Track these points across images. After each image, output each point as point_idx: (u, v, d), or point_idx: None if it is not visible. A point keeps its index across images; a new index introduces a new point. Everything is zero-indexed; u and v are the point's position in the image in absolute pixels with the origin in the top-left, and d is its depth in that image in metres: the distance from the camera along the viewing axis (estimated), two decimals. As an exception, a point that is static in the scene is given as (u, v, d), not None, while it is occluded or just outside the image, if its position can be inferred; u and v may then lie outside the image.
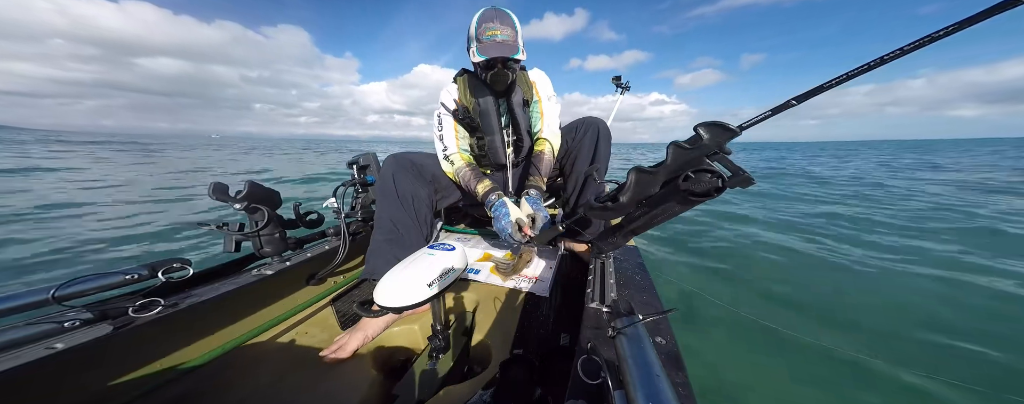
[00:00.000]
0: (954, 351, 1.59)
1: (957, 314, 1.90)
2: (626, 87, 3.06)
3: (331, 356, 0.91)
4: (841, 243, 3.12)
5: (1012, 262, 2.58)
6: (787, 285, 2.25)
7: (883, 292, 2.20)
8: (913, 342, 1.67)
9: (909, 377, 1.41)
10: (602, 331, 0.62)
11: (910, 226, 3.67)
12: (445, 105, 1.29)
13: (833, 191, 6.36)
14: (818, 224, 3.79)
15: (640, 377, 0.39)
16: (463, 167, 1.27)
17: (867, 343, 1.63)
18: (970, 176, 8.55)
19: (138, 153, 16.46)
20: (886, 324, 1.81)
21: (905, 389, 1.37)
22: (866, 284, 2.32)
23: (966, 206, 4.65)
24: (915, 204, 4.87)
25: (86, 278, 0.69)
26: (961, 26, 0.39)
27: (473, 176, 1.26)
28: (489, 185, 1.24)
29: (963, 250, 2.89)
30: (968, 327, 1.77)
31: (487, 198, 1.21)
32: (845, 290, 2.22)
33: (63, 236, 3.07)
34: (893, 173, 9.91)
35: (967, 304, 2.01)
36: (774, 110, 0.54)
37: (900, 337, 1.71)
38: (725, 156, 0.58)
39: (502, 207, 1.16)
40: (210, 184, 0.95)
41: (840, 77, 0.50)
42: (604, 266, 0.89)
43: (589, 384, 0.49)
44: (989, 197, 5.35)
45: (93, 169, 8.77)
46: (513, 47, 1.12)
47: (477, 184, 1.24)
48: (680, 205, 0.65)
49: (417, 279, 0.66)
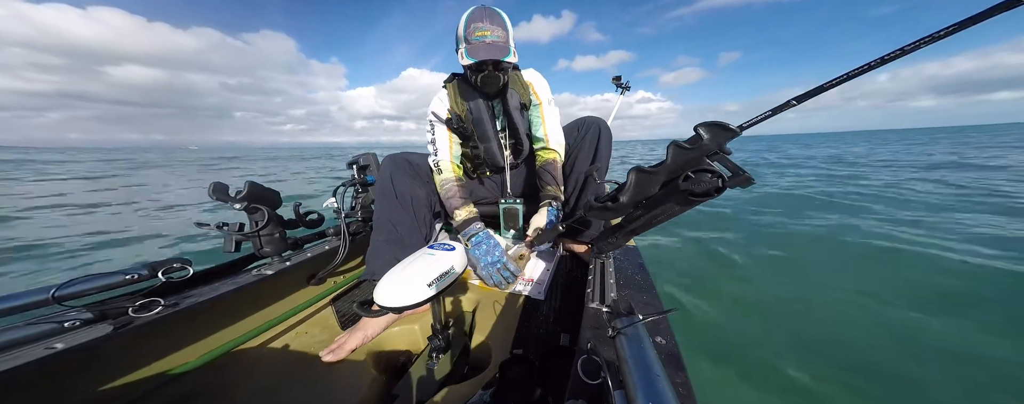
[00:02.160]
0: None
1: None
2: (626, 87, 3.05)
3: (331, 356, 0.91)
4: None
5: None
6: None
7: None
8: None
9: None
10: (602, 331, 0.62)
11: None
12: (437, 114, 1.24)
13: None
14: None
15: (640, 377, 0.39)
16: (450, 181, 1.21)
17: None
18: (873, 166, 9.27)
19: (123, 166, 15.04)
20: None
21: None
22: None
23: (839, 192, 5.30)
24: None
25: (86, 278, 0.69)
26: (961, 26, 0.39)
27: (457, 194, 1.20)
28: (472, 213, 1.18)
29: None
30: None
31: (468, 228, 1.14)
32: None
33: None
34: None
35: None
36: (774, 110, 0.53)
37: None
38: (725, 156, 0.58)
39: (489, 240, 1.11)
40: (210, 184, 0.95)
41: (840, 77, 0.50)
42: (604, 266, 0.89)
43: (589, 384, 0.49)
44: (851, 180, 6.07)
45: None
46: (504, 48, 1.05)
47: (459, 206, 1.18)
48: (680, 205, 0.65)
49: (417, 279, 0.66)
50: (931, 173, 7.13)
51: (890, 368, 1.44)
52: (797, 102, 0.52)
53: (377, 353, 0.98)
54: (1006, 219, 3.43)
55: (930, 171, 7.51)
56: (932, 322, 1.74)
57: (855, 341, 1.63)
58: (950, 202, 4.30)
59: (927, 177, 6.52)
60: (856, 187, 5.70)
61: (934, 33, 0.41)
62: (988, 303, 1.90)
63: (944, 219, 3.49)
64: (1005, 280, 2.13)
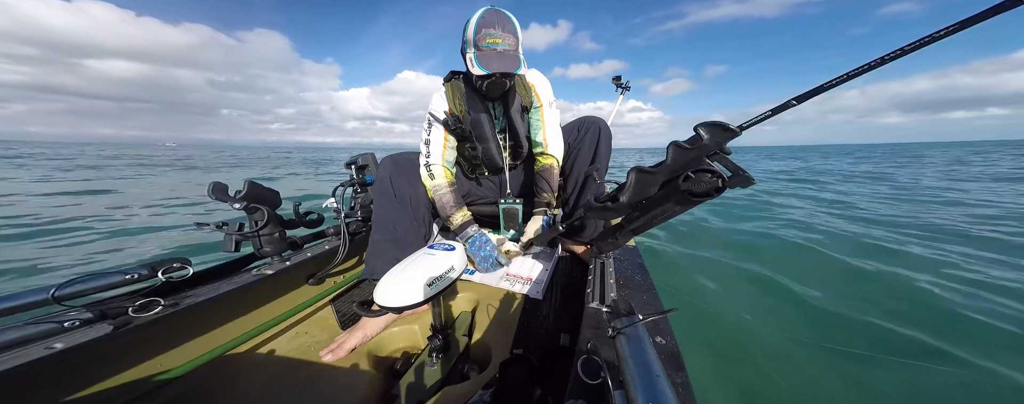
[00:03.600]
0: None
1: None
2: (627, 87, 3.05)
3: (331, 356, 0.91)
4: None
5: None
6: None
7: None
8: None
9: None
10: (602, 331, 0.62)
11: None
12: (433, 115, 1.22)
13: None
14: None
15: (640, 377, 0.39)
16: (443, 186, 1.20)
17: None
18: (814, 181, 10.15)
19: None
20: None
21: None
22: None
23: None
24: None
25: (86, 278, 0.69)
26: (962, 26, 0.39)
27: (452, 201, 1.20)
28: (467, 217, 1.22)
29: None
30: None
31: (465, 231, 1.21)
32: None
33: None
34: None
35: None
36: (774, 110, 0.53)
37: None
38: (725, 156, 0.58)
39: (481, 237, 1.20)
40: (210, 184, 0.95)
41: (841, 77, 0.50)
42: (604, 266, 0.89)
43: (589, 384, 0.49)
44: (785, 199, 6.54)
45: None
46: (514, 60, 1.01)
47: (454, 212, 1.20)
48: (680, 205, 0.65)
49: (417, 279, 0.66)
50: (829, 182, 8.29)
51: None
52: (797, 102, 0.52)
53: (377, 353, 0.98)
54: (820, 212, 4.53)
55: (842, 181, 8.52)
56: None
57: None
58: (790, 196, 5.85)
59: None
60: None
61: (934, 33, 0.41)
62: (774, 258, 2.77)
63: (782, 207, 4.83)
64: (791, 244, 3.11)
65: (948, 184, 7.31)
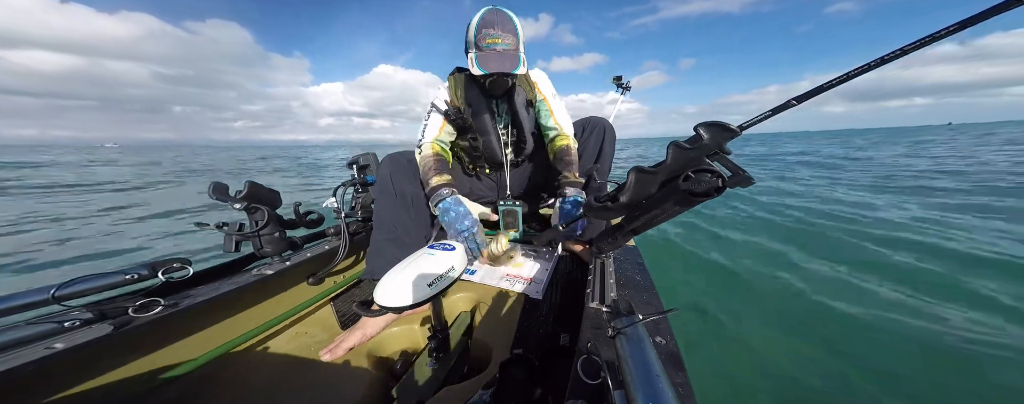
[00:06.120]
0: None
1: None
2: (627, 87, 3.02)
3: (331, 356, 0.91)
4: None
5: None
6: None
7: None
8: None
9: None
10: (602, 331, 0.62)
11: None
12: (436, 105, 1.23)
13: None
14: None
15: (640, 377, 0.39)
16: (428, 156, 1.18)
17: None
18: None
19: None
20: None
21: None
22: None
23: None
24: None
25: (86, 278, 0.69)
26: (962, 26, 0.39)
27: (433, 166, 1.16)
28: (443, 180, 1.14)
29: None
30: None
31: (437, 191, 1.10)
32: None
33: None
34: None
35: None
36: (774, 110, 0.53)
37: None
38: (725, 156, 0.58)
39: (458, 206, 1.07)
40: (210, 184, 0.95)
41: (841, 77, 0.50)
42: (604, 266, 0.89)
43: (589, 384, 0.49)
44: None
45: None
46: (514, 60, 1.02)
47: (434, 175, 1.14)
48: (680, 205, 0.65)
49: (417, 279, 0.66)
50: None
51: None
52: (797, 102, 0.52)
53: (377, 353, 0.98)
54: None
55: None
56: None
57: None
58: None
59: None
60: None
61: (935, 33, 0.41)
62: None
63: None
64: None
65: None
